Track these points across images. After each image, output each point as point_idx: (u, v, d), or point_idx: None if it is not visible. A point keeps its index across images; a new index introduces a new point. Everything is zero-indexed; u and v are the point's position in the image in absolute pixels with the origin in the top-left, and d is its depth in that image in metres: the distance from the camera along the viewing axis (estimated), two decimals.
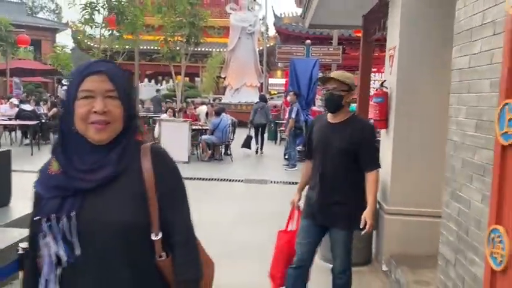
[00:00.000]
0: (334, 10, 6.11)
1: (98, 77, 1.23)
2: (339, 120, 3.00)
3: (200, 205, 6.45)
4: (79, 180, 1.21)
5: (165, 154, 1.34)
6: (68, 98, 1.25)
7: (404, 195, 4.19)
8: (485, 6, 2.34)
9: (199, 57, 23.54)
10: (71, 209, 1.20)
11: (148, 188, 1.25)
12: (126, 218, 1.22)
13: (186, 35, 13.95)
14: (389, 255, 4.22)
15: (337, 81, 2.93)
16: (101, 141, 1.23)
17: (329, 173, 2.98)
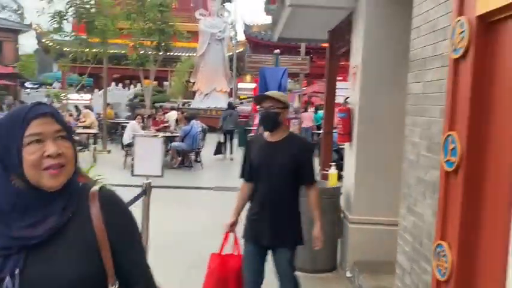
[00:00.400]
0: (302, 26, 6.36)
1: (44, 119, 1.12)
2: (277, 138, 3.05)
3: (171, 213, 6.59)
4: (21, 238, 1.08)
5: (115, 197, 1.24)
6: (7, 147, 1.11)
7: (366, 206, 4.45)
8: (435, 40, 2.60)
9: (167, 61, 23.47)
10: (14, 267, 1.06)
11: (99, 236, 1.15)
12: (78, 272, 1.10)
13: (156, 42, 13.98)
14: (353, 262, 4.47)
15: (273, 99, 2.99)
16: (56, 187, 1.12)
17: (277, 193, 3.00)
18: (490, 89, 1.68)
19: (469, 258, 1.78)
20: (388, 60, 4.29)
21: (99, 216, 1.16)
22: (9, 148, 1.10)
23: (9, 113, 1.19)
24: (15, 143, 1.10)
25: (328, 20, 5.96)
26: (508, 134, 1.50)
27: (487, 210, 1.70)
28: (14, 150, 1.10)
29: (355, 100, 4.50)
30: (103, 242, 1.15)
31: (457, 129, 1.82)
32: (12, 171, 1.11)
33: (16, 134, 1.10)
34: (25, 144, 1.09)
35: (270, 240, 3.03)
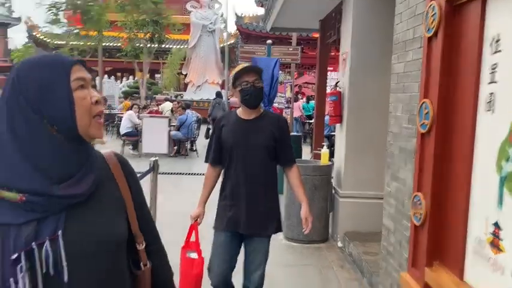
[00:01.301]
0: (294, 15, 6.68)
1: (80, 66, 1.04)
2: (255, 115, 2.75)
3: (172, 197, 6.90)
4: (66, 197, 0.99)
5: (128, 163, 1.24)
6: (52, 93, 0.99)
7: (355, 181, 4.82)
8: (415, 24, 2.95)
9: (159, 53, 23.63)
10: (55, 229, 0.97)
11: (125, 195, 1.15)
12: (114, 231, 1.08)
13: (150, 34, 14.22)
14: (343, 233, 4.84)
15: (256, 73, 2.71)
16: (101, 137, 1.07)
17: (254, 175, 2.70)
18: (456, 60, 2.02)
19: (439, 205, 2.12)
20: (375, 45, 4.64)
21: (122, 177, 1.16)
22: (57, 95, 0.98)
23: (34, 60, 1.03)
24: (64, 88, 0.99)
25: (319, 10, 6.29)
26: (468, 98, 1.83)
27: (454, 163, 2.04)
28: (64, 96, 0.99)
29: (345, 84, 4.85)
30: (129, 202, 1.15)
31: (430, 96, 2.15)
32: (58, 120, 0.99)
33: (62, 79, 0.99)
34: (74, 88, 1.00)
35: (247, 228, 2.71)
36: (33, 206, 0.95)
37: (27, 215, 0.95)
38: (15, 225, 0.95)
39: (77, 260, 0.99)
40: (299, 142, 7.40)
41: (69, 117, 0.99)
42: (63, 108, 0.99)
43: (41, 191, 0.95)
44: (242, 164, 2.71)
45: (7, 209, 0.95)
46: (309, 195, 4.97)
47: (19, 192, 0.94)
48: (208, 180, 2.91)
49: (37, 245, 0.95)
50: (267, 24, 8.09)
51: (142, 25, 14.12)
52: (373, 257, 4.12)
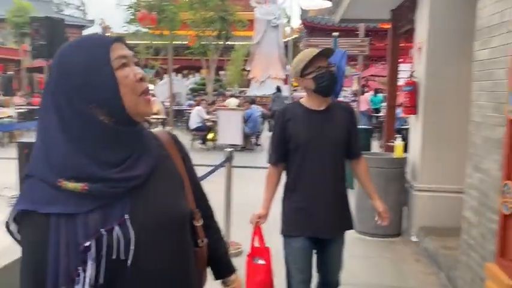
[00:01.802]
0: (365, 5, 6.57)
1: (120, 44, 1.01)
2: (325, 105, 2.48)
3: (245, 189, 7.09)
4: (124, 180, 0.97)
5: (180, 141, 1.23)
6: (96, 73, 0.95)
7: (432, 174, 4.68)
8: (502, 8, 2.82)
9: (224, 50, 24.14)
10: (121, 213, 0.96)
11: (182, 172, 1.14)
12: (178, 208, 1.08)
13: (217, 30, 14.59)
14: (418, 227, 4.72)
15: (327, 57, 2.45)
16: (150, 114, 1.04)
17: (331, 172, 2.45)
18: None
19: None
20: (454, 32, 4.46)
21: (177, 154, 1.15)
22: (100, 76, 0.95)
23: (73, 44, 1.00)
24: (106, 68, 0.95)
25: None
26: None
27: None
28: (107, 76, 0.95)
29: (421, 73, 4.71)
30: (185, 178, 1.15)
31: None
32: (104, 101, 0.96)
33: (103, 59, 0.96)
34: (115, 68, 0.96)
35: (328, 231, 2.47)
36: (96, 193, 0.94)
37: (92, 203, 0.94)
38: (82, 214, 0.93)
39: (143, 242, 0.97)
40: (369, 135, 7.28)
41: (115, 97, 0.96)
42: (108, 89, 0.95)
43: (99, 177, 0.94)
44: (318, 161, 2.42)
45: (72, 199, 0.93)
46: (382, 188, 4.91)
47: (78, 181, 0.92)
48: (272, 180, 2.58)
49: (106, 230, 0.94)
50: (335, 16, 8.01)
51: (209, 22, 14.53)
52: (450, 251, 4.00)
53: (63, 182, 0.92)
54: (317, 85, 2.41)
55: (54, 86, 0.97)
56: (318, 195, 2.44)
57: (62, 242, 0.92)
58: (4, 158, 9.21)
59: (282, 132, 2.48)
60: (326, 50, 2.42)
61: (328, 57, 2.44)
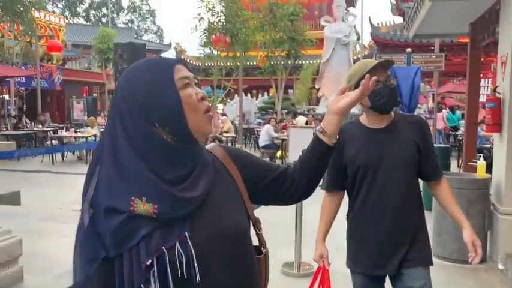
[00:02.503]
0: (440, 20, 6.32)
1: (181, 66, 1.04)
2: (387, 122, 2.16)
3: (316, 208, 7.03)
4: (185, 200, 0.98)
5: (233, 147, 1.25)
6: (161, 95, 0.98)
7: None
8: None
9: (292, 69, 24.38)
10: (181, 231, 0.97)
11: (239, 184, 1.14)
12: (239, 220, 1.08)
13: (286, 50, 14.78)
14: (504, 254, 4.35)
15: (386, 68, 2.11)
16: (211, 133, 1.20)
17: (400, 200, 2.10)
18: None
19: None
20: None
21: (233, 165, 1.16)
22: (164, 95, 0.98)
23: (140, 64, 1.04)
24: (171, 88, 0.98)
25: (469, 12, 5.86)
26: None
27: None
28: (172, 95, 0.98)
29: (506, 89, 4.41)
30: (242, 188, 1.15)
31: None
32: (168, 120, 0.98)
33: (168, 79, 0.99)
34: (179, 87, 0.99)
35: (394, 264, 2.11)
36: (163, 214, 0.95)
37: (154, 223, 0.95)
38: (144, 236, 0.94)
39: (206, 258, 0.98)
40: (447, 154, 6.91)
41: (180, 116, 0.98)
42: (172, 108, 0.98)
43: (166, 193, 0.95)
44: (380, 189, 2.11)
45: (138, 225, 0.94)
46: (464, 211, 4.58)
47: (149, 201, 0.94)
48: (327, 211, 2.28)
49: (167, 249, 0.95)
50: (408, 32, 7.79)
51: (279, 43, 14.77)
52: None
53: (136, 201, 0.94)
54: (373, 102, 2.09)
55: (121, 106, 0.99)
56: (381, 223, 2.11)
57: (125, 262, 0.94)
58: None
59: (339, 155, 2.17)
60: (385, 62, 2.10)
61: (387, 70, 2.11)
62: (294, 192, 1.23)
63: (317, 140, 1.21)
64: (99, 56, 23.99)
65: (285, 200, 1.25)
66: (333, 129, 1.21)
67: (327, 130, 1.20)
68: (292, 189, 1.22)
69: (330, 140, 1.20)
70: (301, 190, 1.23)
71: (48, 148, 12.97)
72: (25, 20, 16.13)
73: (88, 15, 56.25)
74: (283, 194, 1.22)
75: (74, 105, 22.51)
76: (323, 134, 1.20)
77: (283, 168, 1.24)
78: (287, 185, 1.21)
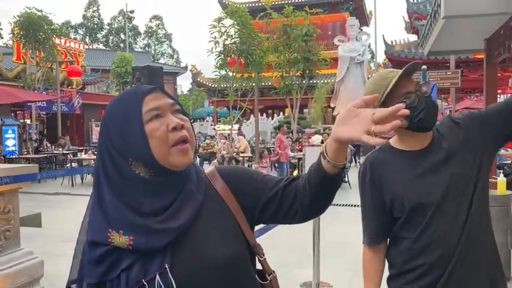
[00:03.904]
0: (454, 37, 6.32)
1: (156, 95, 1.02)
2: (428, 142, 1.62)
3: (333, 227, 6.97)
4: (164, 231, 0.97)
5: (229, 167, 1.18)
6: (128, 130, 0.98)
7: None
8: None
9: (307, 89, 24.55)
10: (162, 263, 0.96)
11: (234, 210, 1.08)
12: (228, 250, 1.02)
13: (301, 70, 14.93)
14: None
15: (412, 75, 1.63)
16: (186, 164, 1.01)
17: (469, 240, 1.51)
18: None
19: None
20: None
21: (226, 190, 1.09)
22: (131, 131, 0.98)
23: (116, 99, 1.06)
24: (136, 123, 0.98)
25: (484, 28, 5.85)
26: None
27: None
28: (137, 130, 0.97)
29: None
30: (238, 214, 1.08)
31: None
32: (137, 156, 0.98)
33: (135, 114, 0.99)
34: (146, 121, 0.98)
35: None
36: (139, 246, 0.96)
37: (135, 256, 0.97)
38: (125, 268, 0.96)
39: None
40: None
41: (145, 151, 0.97)
42: (138, 143, 0.97)
43: (141, 226, 0.96)
44: (445, 227, 1.51)
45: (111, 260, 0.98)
46: None
47: (125, 233, 0.96)
48: (372, 269, 1.72)
49: (147, 281, 0.95)
50: (423, 49, 7.80)
51: (294, 63, 14.94)
52: None
53: (113, 234, 0.97)
54: (411, 120, 1.55)
55: (100, 139, 1.03)
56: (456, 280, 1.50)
57: None
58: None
59: (375, 197, 1.65)
60: (411, 67, 1.57)
61: (413, 74, 1.63)
62: (295, 213, 1.10)
63: (318, 162, 1.02)
64: (117, 79, 24.53)
65: (286, 220, 1.13)
66: (333, 156, 0.98)
67: (326, 153, 1.00)
68: (293, 209, 1.09)
69: (328, 166, 0.99)
70: (301, 211, 1.09)
71: (68, 170, 13.20)
72: (46, 47, 16.65)
73: (107, 41, 57.82)
74: (283, 214, 1.10)
75: (93, 128, 22.93)
76: (323, 157, 1.00)
77: (283, 185, 1.11)
78: (287, 205, 1.09)
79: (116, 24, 57.76)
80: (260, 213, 1.11)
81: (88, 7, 57.61)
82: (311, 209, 1.09)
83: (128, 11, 37.42)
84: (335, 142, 0.96)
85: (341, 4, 31.01)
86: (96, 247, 0.99)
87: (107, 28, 58.49)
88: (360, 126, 0.91)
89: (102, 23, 58.27)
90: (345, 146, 0.97)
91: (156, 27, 61.07)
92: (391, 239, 1.68)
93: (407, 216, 1.57)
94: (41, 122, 21.69)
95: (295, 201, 1.09)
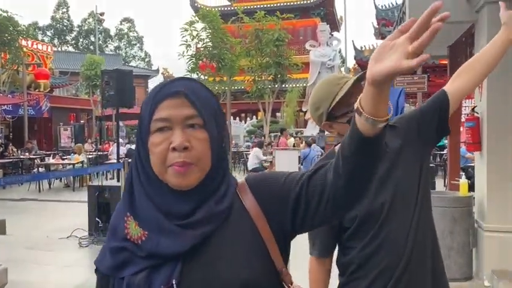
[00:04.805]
0: None
1: (175, 101, 0.89)
2: None
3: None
4: (175, 240, 0.88)
5: (258, 176, 1.04)
6: (141, 132, 0.92)
7: (500, 213, 4.42)
8: None
9: (280, 93, 24.77)
10: (169, 278, 0.88)
11: (262, 229, 0.94)
12: (245, 273, 0.90)
13: (273, 74, 15.07)
14: (490, 270, 4.41)
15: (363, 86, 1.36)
16: (185, 187, 0.90)
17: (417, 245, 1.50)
18: None
19: None
20: None
21: (255, 205, 0.96)
22: (142, 133, 0.92)
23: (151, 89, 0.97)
24: (145, 130, 0.90)
25: (447, 35, 6.06)
26: None
27: None
28: (142, 137, 0.91)
29: (483, 109, 4.56)
30: (266, 234, 0.94)
31: None
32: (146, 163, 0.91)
33: (145, 118, 0.90)
34: (152, 131, 0.89)
35: None
36: (150, 245, 0.89)
37: (143, 262, 0.89)
38: (128, 275, 0.90)
39: None
40: (432, 173, 7.03)
41: (147, 164, 0.91)
42: (144, 151, 0.91)
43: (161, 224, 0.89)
44: (389, 237, 1.50)
45: (129, 260, 0.91)
46: (448, 229, 4.70)
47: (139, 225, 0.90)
48: (321, 281, 1.69)
49: None
50: None
51: (266, 67, 15.08)
52: None
53: (130, 219, 0.91)
54: None
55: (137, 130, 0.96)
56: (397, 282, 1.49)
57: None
58: (75, 201, 9.83)
59: None
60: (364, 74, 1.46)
61: None
62: (326, 203, 0.91)
63: (353, 125, 0.85)
64: (87, 82, 24.08)
65: (318, 217, 0.94)
66: (371, 108, 0.80)
67: (362, 107, 0.81)
68: (324, 199, 0.91)
69: (366, 125, 0.81)
70: (335, 198, 0.90)
71: (35, 175, 12.85)
72: (12, 49, 16.21)
73: (77, 43, 56.66)
74: (314, 208, 0.93)
75: (62, 132, 22.43)
76: (358, 114, 0.82)
77: (307, 175, 0.95)
78: (317, 194, 0.92)
79: (86, 27, 56.69)
80: (292, 219, 0.95)
81: (57, 8, 56.36)
82: (347, 190, 0.89)
83: (98, 13, 36.83)
84: (372, 85, 0.79)
85: (312, 9, 31.45)
86: (115, 235, 0.94)
87: (76, 30, 57.32)
88: (396, 55, 0.76)
89: (72, 25, 57.11)
90: (384, 91, 0.80)
91: (127, 29, 60.29)
92: (340, 247, 1.63)
93: (357, 226, 1.52)
94: (7, 126, 21.03)
95: (324, 190, 0.91)
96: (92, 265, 1.01)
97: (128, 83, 7.06)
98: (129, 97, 7.09)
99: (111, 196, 6.43)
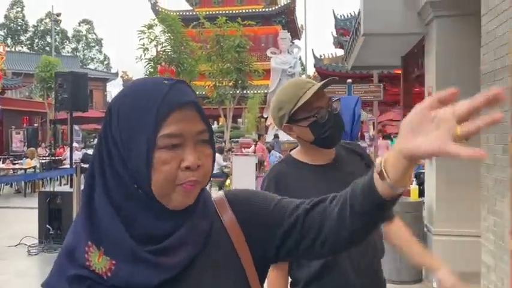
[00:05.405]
0: (375, 53, 6.76)
1: (186, 113, 0.78)
2: (331, 157, 1.70)
3: None
4: (152, 268, 0.77)
5: (239, 192, 0.97)
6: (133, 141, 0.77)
7: (448, 217, 4.63)
8: (502, 54, 2.91)
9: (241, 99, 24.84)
10: None
11: (240, 250, 0.88)
12: None
13: (234, 80, 15.12)
14: None
15: (324, 91, 1.61)
16: (183, 206, 0.81)
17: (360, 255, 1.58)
18: None
19: None
20: (461, 77, 4.55)
21: (235, 224, 0.89)
22: (136, 145, 0.77)
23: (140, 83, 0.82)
24: (145, 141, 0.76)
25: (400, 46, 6.32)
26: None
27: None
28: (142, 151, 0.76)
29: None
30: (245, 255, 0.88)
31: None
32: (137, 179, 0.78)
33: (148, 128, 0.76)
34: (158, 146, 0.76)
35: None
36: (119, 277, 0.76)
37: None
38: None
39: None
40: None
41: (144, 180, 0.77)
42: (140, 166, 0.77)
43: (130, 248, 0.76)
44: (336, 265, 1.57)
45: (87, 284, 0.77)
46: None
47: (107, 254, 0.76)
48: None
49: None
50: (347, 63, 8.24)
51: (226, 73, 15.10)
52: None
53: (92, 248, 0.77)
54: (317, 135, 1.60)
55: (102, 133, 0.82)
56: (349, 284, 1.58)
57: None
58: (25, 207, 9.44)
59: None
60: (329, 82, 1.61)
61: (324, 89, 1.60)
62: (322, 245, 0.87)
63: (370, 184, 0.78)
64: (41, 84, 23.25)
65: (308, 253, 0.91)
66: (397, 176, 0.74)
67: (387, 173, 0.75)
68: (319, 240, 0.87)
69: (387, 190, 0.76)
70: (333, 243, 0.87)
71: None
72: None
73: (32, 44, 54.60)
74: (306, 246, 0.89)
75: (13, 135, 21.48)
76: (381, 178, 0.76)
77: (304, 209, 0.89)
78: (312, 234, 0.87)
79: (42, 27, 54.74)
80: (278, 247, 0.90)
81: (11, 7, 54.14)
82: (350, 242, 0.87)
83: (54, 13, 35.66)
84: (405, 159, 0.71)
85: (274, 17, 31.84)
86: (72, 261, 0.79)
87: (32, 30, 55.26)
88: (441, 133, 0.66)
89: (27, 25, 54.99)
90: (414, 163, 0.74)
91: (86, 31, 58.73)
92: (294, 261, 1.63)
93: None
94: None
95: (322, 230, 0.86)
96: (42, 274, 0.92)
97: (82, 86, 6.87)
98: (83, 101, 6.90)
99: (63, 202, 6.23)
